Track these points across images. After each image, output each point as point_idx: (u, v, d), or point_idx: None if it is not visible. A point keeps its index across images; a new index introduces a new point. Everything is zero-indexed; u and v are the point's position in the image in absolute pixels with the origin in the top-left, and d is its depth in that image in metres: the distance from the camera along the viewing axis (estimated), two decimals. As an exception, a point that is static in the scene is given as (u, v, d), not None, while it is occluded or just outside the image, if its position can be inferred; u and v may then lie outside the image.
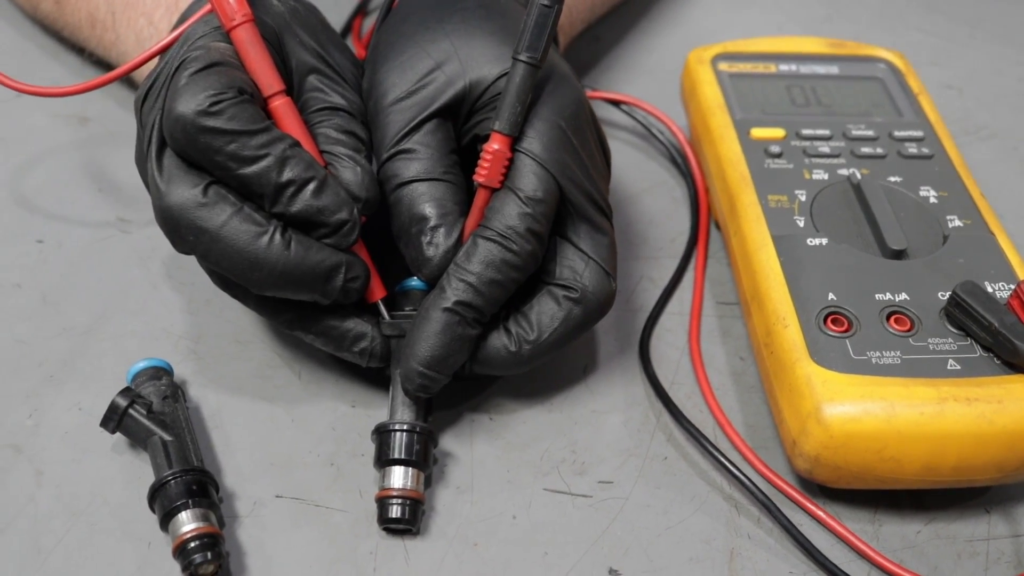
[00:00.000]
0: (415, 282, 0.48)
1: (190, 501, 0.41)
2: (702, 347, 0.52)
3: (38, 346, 0.50)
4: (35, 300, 0.52)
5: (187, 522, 0.41)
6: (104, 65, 0.62)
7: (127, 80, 0.63)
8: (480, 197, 0.45)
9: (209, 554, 0.40)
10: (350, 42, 0.70)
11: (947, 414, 0.42)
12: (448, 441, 0.47)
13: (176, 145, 0.42)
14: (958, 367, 0.44)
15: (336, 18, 0.69)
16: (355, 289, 0.44)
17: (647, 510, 0.45)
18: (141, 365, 0.47)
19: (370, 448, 0.45)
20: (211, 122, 0.40)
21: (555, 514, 0.45)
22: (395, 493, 0.43)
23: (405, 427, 0.44)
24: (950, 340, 0.45)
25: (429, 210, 0.45)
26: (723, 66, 0.60)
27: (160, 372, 0.47)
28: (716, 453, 0.46)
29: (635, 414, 0.49)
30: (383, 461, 0.44)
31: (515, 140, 0.44)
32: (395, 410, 0.45)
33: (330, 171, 0.44)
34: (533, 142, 0.44)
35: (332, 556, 0.43)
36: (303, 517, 0.44)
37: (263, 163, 0.41)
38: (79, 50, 0.64)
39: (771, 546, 0.44)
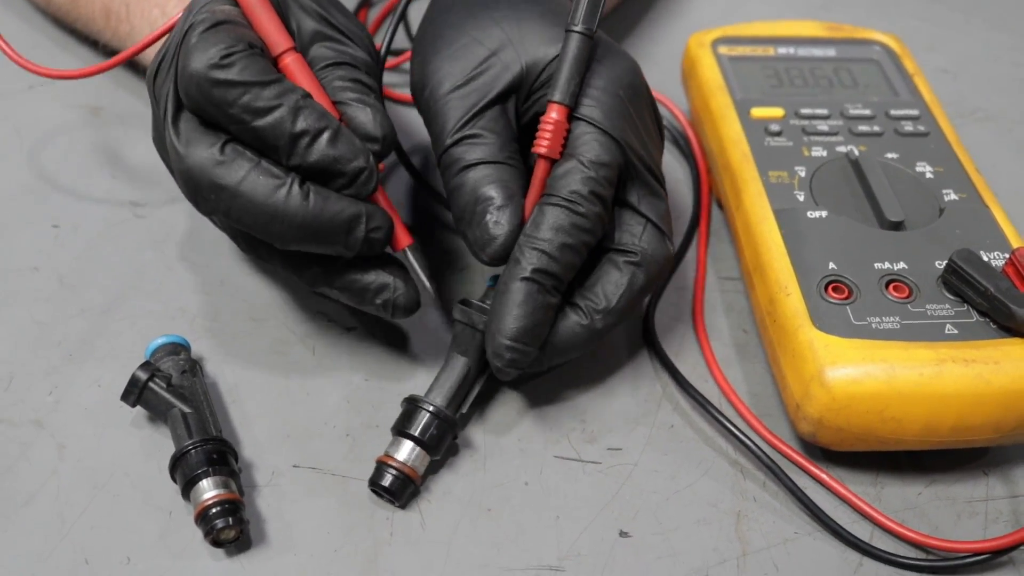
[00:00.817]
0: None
1: (211, 469, 0.42)
2: (706, 320, 0.53)
3: (57, 327, 0.51)
4: (52, 283, 0.53)
5: (208, 489, 0.42)
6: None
7: (137, 69, 0.64)
8: (540, 168, 0.46)
9: (230, 519, 0.42)
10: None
11: (945, 375, 0.43)
12: (460, 412, 0.48)
13: (191, 103, 0.43)
14: (955, 331, 0.45)
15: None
16: (378, 240, 0.44)
17: (655, 475, 0.46)
18: (160, 341, 0.48)
19: (384, 419, 0.47)
20: (223, 75, 0.41)
21: (566, 480, 0.46)
22: (394, 464, 0.44)
23: (431, 409, 0.45)
24: (947, 306, 0.46)
25: (494, 191, 0.45)
26: (723, 49, 0.61)
27: (178, 348, 0.48)
28: (722, 420, 0.47)
29: (642, 385, 0.50)
30: (398, 430, 0.45)
31: (574, 109, 0.45)
32: (433, 388, 0.46)
33: (344, 122, 0.44)
34: (594, 110, 0.45)
35: (349, 523, 0.44)
36: (320, 485, 0.45)
37: (276, 113, 0.42)
38: (92, 43, 0.65)
39: (776, 508, 0.45)
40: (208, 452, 0.43)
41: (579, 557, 0.43)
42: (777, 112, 0.56)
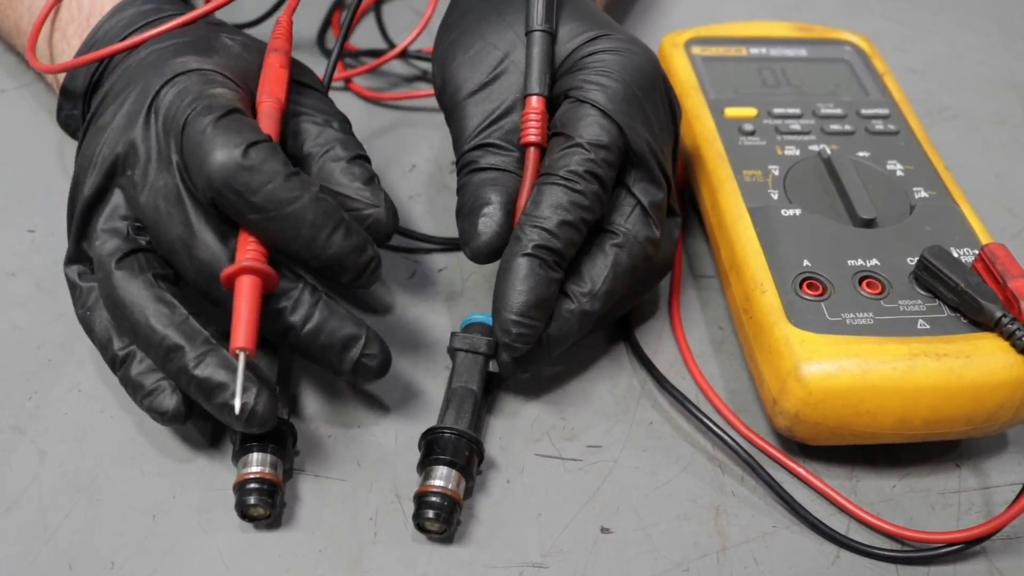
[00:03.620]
0: (479, 316, 0.48)
1: (261, 445, 0.43)
2: (683, 317, 0.53)
3: (35, 331, 0.51)
4: (29, 287, 0.53)
5: (252, 464, 0.43)
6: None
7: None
8: (531, 156, 0.47)
9: (263, 498, 0.42)
10: (331, 35, 0.71)
11: (918, 369, 0.44)
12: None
13: (212, 192, 0.42)
14: (927, 326, 0.46)
15: (317, 11, 0.71)
16: (370, 368, 0.44)
17: (635, 472, 0.47)
18: None
19: (365, 419, 0.47)
20: (250, 162, 0.41)
21: (547, 478, 0.46)
22: (436, 488, 0.42)
23: (456, 432, 0.44)
24: (919, 302, 0.47)
25: (494, 196, 0.46)
26: (696, 50, 0.62)
27: None
28: (700, 416, 0.48)
29: (620, 382, 0.51)
30: (427, 460, 0.44)
31: (578, 92, 0.47)
32: (447, 416, 0.45)
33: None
34: (598, 94, 0.46)
35: (333, 523, 0.44)
36: (303, 486, 0.45)
37: (300, 203, 0.42)
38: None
39: (755, 502, 0.46)
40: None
41: (562, 554, 0.43)
42: (750, 112, 0.57)
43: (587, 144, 0.45)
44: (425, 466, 0.44)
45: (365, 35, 0.72)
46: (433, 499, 0.42)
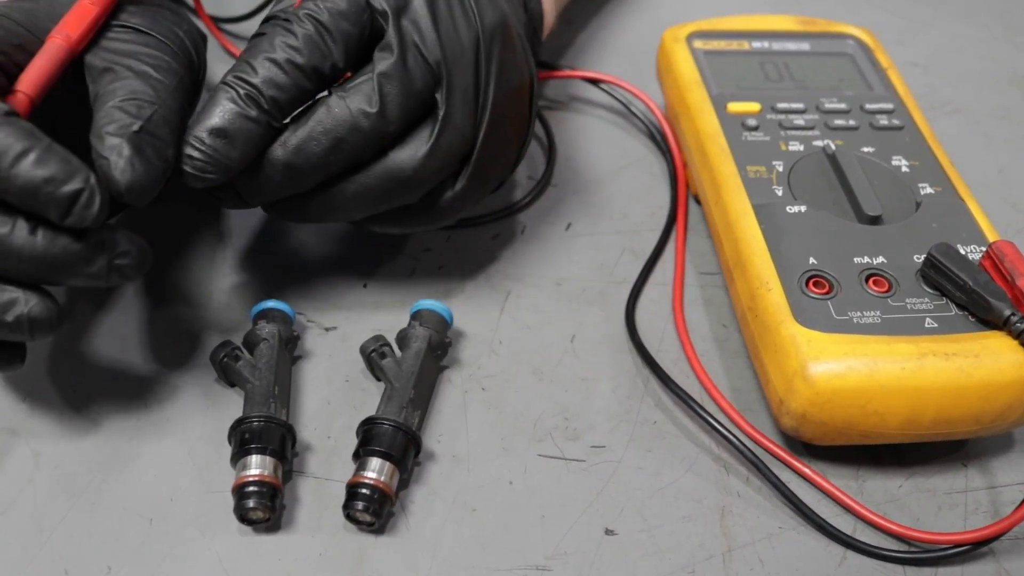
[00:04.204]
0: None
1: (260, 448, 0.43)
2: (686, 315, 0.53)
3: (29, 331, 0.50)
4: (23, 286, 0.52)
5: (252, 467, 0.42)
6: None
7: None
8: None
9: (262, 501, 0.42)
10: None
11: (927, 368, 0.43)
12: (443, 412, 0.48)
13: None
14: (935, 325, 0.45)
15: None
16: (129, 266, 0.40)
17: (639, 472, 0.46)
18: (269, 304, 0.49)
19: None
20: None
21: (550, 479, 0.46)
22: (367, 480, 0.42)
23: (391, 423, 0.44)
24: (926, 300, 0.46)
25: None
26: (698, 44, 0.61)
27: (282, 315, 0.49)
28: (704, 415, 0.47)
29: (623, 381, 0.50)
30: (362, 450, 0.44)
31: None
32: (381, 408, 0.45)
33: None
34: None
35: (334, 525, 0.43)
36: (303, 489, 0.45)
37: None
38: None
39: (760, 503, 0.45)
40: (259, 431, 0.43)
41: (565, 556, 0.43)
42: (754, 107, 0.56)
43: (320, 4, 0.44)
44: (359, 456, 0.44)
45: None
46: (363, 491, 0.42)
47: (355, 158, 0.45)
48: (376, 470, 0.43)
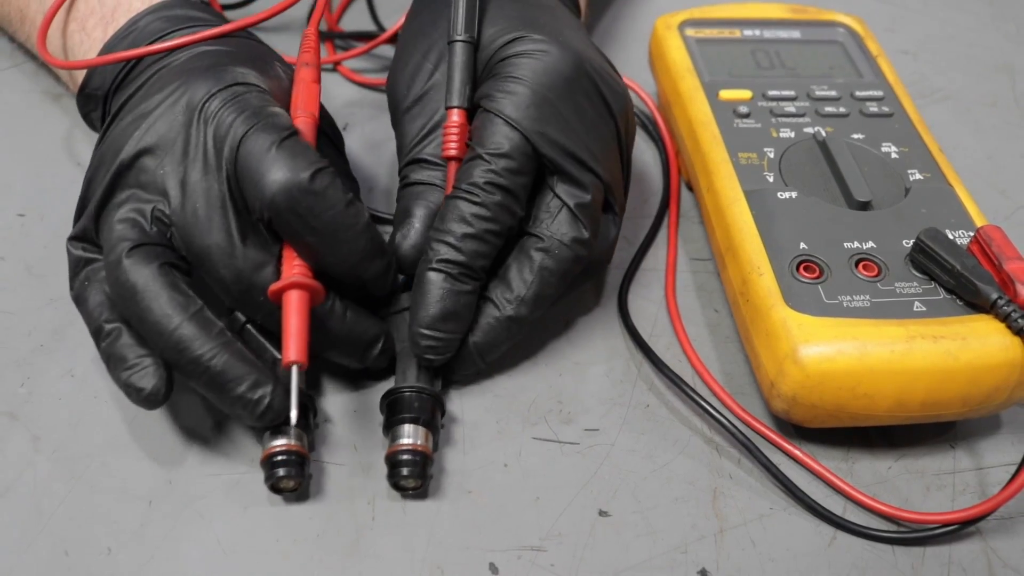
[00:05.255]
0: None
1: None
2: (678, 300, 0.53)
3: (26, 316, 0.50)
4: (20, 272, 0.53)
5: (280, 436, 0.43)
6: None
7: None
8: (452, 170, 0.48)
9: (292, 470, 0.43)
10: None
11: (915, 351, 0.44)
12: (438, 396, 0.49)
13: (271, 212, 0.42)
14: (924, 308, 0.46)
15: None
16: (383, 358, 0.47)
17: (632, 455, 0.47)
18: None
19: (362, 404, 0.47)
20: (316, 187, 0.42)
21: (545, 461, 0.46)
22: (405, 446, 0.44)
23: (412, 389, 0.45)
24: (915, 284, 0.47)
25: (417, 209, 0.48)
26: (690, 32, 0.62)
27: None
28: (697, 399, 0.48)
29: (617, 365, 0.51)
30: (390, 420, 0.45)
31: (487, 102, 0.46)
32: (400, 378, 0.47)
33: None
34: (501, 102, 0.46)
35: (331, 508, 0.44)
36: (300, 472, 0.45)
37: (355, 230, 0.43)
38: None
39: (752, 484, 0.46)
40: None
41: (560, 537, 0.43)
42: (745, 94, 0.57)
43: (486, 155, 0.45)
44: (391, 427, 0.44)
45: (356, 19, 0.72)
46: (404, 457, 0.43)
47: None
48: (410, 435, 0.44)
